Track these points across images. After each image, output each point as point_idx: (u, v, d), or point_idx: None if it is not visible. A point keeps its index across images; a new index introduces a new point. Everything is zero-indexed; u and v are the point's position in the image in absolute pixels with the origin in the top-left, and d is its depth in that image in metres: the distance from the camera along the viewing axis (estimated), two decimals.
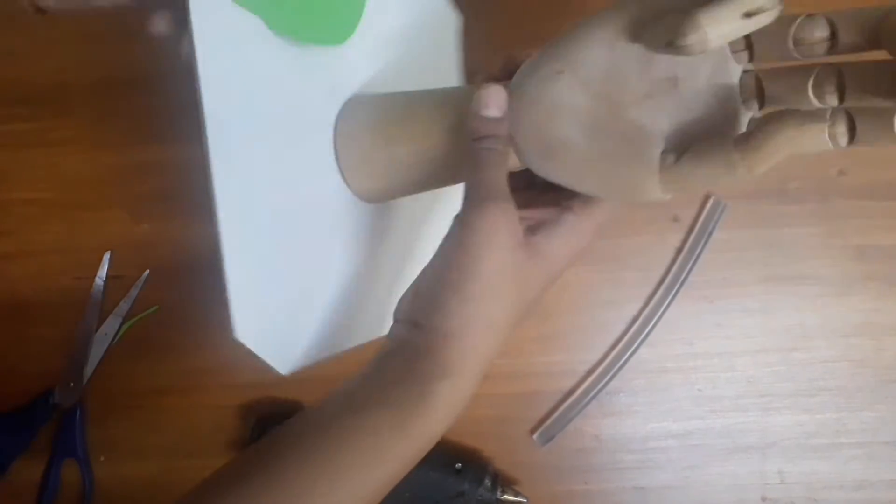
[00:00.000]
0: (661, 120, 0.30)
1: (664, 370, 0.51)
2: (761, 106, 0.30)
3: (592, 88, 0.30)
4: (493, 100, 0.32)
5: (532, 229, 0.31)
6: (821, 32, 0.27)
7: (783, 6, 0.26)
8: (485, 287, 0.30)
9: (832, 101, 0.28)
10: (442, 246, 0.30)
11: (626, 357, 0.50)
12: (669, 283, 0.50)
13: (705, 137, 0.29)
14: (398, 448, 0.29)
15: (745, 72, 0.30)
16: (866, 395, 0.50)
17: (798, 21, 0.27)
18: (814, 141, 0.26)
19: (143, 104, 0.50)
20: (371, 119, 0.36)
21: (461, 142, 0.34)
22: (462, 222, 0.30)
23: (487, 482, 0.49)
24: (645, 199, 0.30)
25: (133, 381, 0.52)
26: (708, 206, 0.49)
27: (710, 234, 0.49)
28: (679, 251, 0.50)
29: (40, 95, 0.51)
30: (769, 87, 0.29)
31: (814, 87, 0.28)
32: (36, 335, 0.52)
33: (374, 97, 0.38)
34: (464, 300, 0.29)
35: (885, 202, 0.49)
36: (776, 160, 0.26)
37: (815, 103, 0.28)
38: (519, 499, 0.50)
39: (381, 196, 0.39)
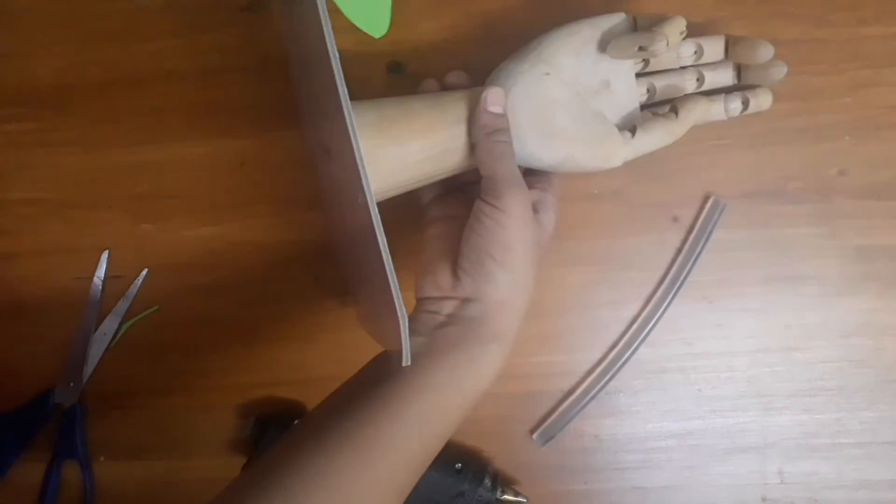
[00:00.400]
0: (608, 108, 0.43)
1: (664, 370, 0.51)
2: (652, 96, 0.45)
3: (569, 86, 0.42)
4: (498, 99, 0.39)
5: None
6: (690, 50, 0.45)
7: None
8: (520, 259, 0.36)
9: (692, 88, 0.45)
10: (478, 228, 0.36)
11: (625, 357, 0.50)
12: (669, 283, 0.50)
13: (642, 117, 0.44)
14: (455, 403, 0.35)
15: (640, 75, 0.45)
16: (866, 395, 0.50)
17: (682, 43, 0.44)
18: (714, 111, 0.45)
19: (142, 105, 0.50)
20: (370, 121, 0.38)
21: (461, 136, 0.40)
22: (497, 206, 0.35)
23: (487, 482, 0.49)
24: (611, 166, 0.42)
25: (133, 381, 0.52)
26: (707, 206, 0.49)
27: (710, 234, 0.49)
28: (679, 251, 0.50)
29: (40, 96, 0.51)
30: (658, 84, 0.45)
31: (685, 81, 0.45)
32: (35, 335, 0.52)
33: (365, 102, 0.39)
34: (508, 272, 0.35)
35: (886, 202, 0.49)
36: (691, 125, 0.43)
37: (687, 91, 0.45)
38: (519, 499, 0.50)
39: (377, 197, 0.39)
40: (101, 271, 0.51)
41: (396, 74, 0.49)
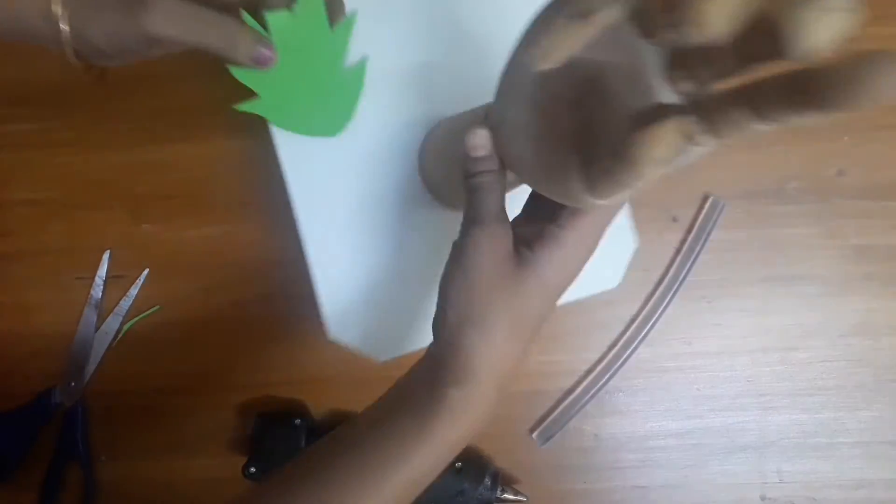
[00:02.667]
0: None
1: (663, 369, 0.51)
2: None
3: None
4: (479, 142, 0.33)
5: (528, 243, 0.33)
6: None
7: None
8: (477, 299, 0.32)
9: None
10: (446, 268, 0.34)
11: (625, 356, 0.50)
12: (668, 283, 0.50)
13: None
14: (419, 452, 0.32)
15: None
16: (864, 395, 0.51)
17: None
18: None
19: (143, 105, 0.50)
20: (437, 138, 0.41)
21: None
22: (455, 245, 0.33)
23: (487, 481, 0.49)
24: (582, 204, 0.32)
25: (133, 381, 0.52)
26: (707, 206, 0.49)
27: (709, 234, 0.49)
28: (678, 251, 0.50)
29: (42, 96, 0.51)
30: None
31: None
32: (37, 334, 0.52)
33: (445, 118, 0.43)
34: (457, 313, 0.33)
35: (884, 202, 0.49)
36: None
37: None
38: (519, 497, 0.50)
39: (452, 205, 0.42)
40: (102, 271, 0.51)
41: None
